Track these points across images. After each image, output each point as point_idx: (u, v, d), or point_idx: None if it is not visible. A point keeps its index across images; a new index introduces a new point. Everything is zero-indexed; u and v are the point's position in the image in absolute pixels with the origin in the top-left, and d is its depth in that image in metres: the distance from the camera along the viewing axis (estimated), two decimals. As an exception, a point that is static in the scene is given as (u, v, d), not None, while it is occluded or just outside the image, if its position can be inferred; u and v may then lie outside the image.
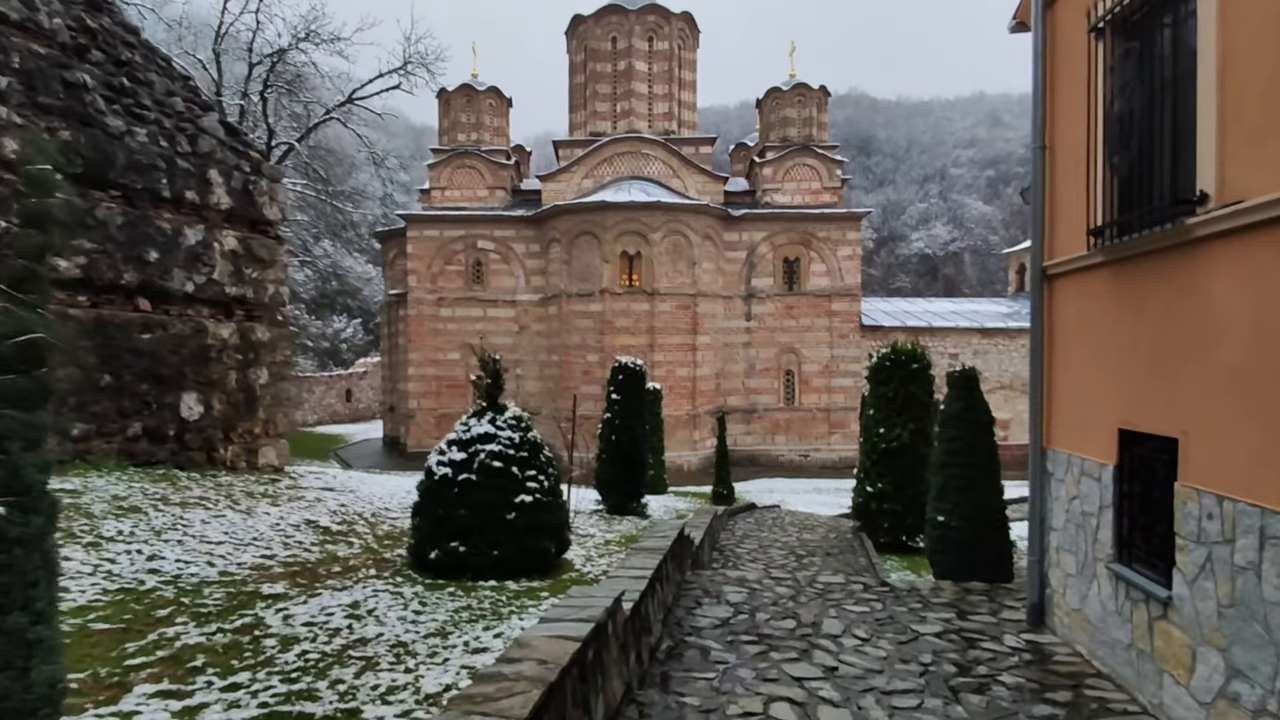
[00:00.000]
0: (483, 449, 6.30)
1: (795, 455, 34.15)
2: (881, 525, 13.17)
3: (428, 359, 34.32)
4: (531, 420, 6.88)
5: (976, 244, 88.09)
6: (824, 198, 34.78)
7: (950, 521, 8.57)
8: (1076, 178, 6.46)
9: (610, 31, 37.04)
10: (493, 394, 6.63)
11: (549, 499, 6.44)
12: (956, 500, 8.60)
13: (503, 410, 6.60)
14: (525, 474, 6.34)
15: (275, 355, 10.83)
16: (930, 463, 8.87)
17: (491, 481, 6.20)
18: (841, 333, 34.30)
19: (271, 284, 10.81)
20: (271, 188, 10.83)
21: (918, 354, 13.50)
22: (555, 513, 6.50)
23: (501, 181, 35.33)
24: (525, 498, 6.24)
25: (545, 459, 6.68)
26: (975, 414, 8.77)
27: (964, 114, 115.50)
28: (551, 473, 6.67)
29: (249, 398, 10.28)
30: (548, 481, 6.51)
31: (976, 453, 8.66)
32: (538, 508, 6.30)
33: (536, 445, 6.62)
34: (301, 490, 8.93)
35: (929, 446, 13.35)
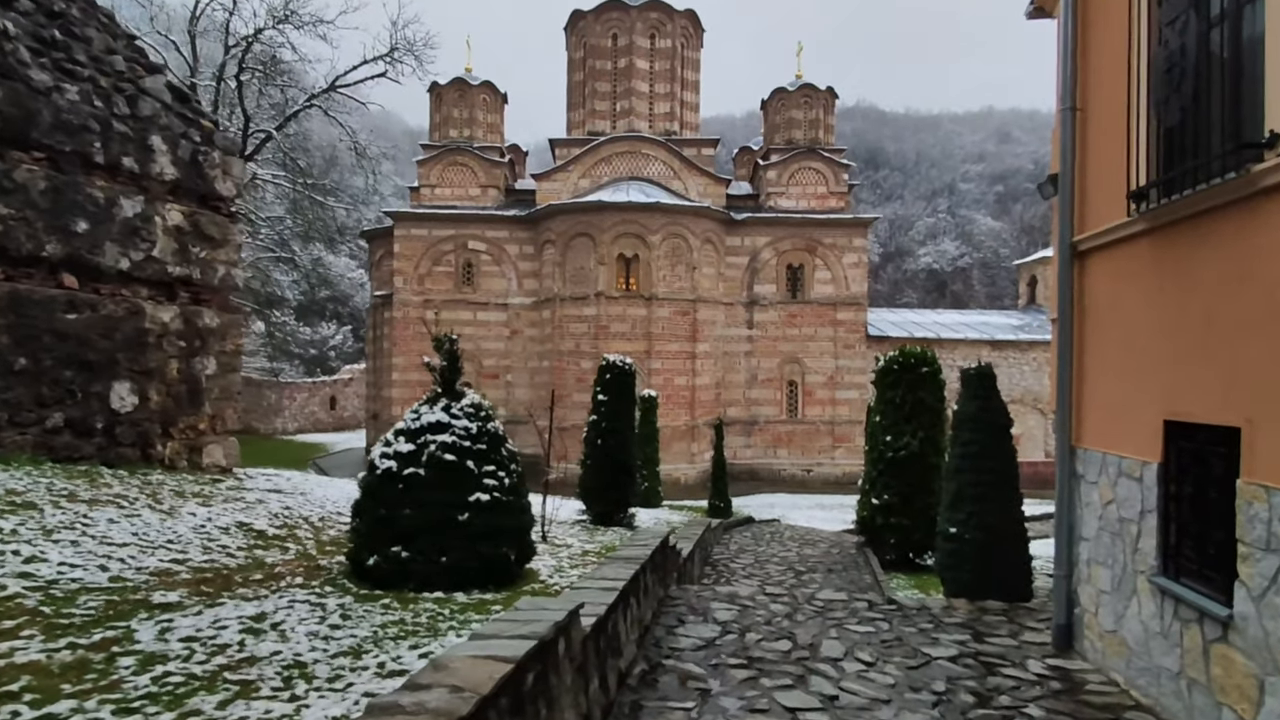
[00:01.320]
0: (434, 440, 5.47)
1: (798, 470, 33.21)
2: (888, 541, 12.28)
3: (413, 364, 33.38)
4: (493, 410, 6.06)
5: (985, 259, 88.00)
6: (830, 202, 34.02)
7: (964, 533, 7.71)
8: (1113, 138, 5.70)
9: (611, 28, 36.44)
10: (449, 378, 5.81)
11: (510, 499, 5.60)
12: (971, 510, 7.75)
13: (459, 397, 5.77)
14: (483, 469, 5.50)
15: (225, 344, 10.00)
16: (943, 469, 8.05)
17: (443, 477, 5.36)
18: (847, 343, 33.44)
19: (222, 265, 9.99)
20: (225, 160, 10.04)
21: (928, 357, 12.68)
22: (518, 515, 5.66)
23: (494, 180, 34.61)
24: (482, 496, 5.39)
25: (508, 453, 5.84)
26: (992, 415, 7.93)
27: (973, 129, 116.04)
28: (515, 470, 5.83)
29: (193, 390, 9.43)
30: (509, 479, 5.66)
31: (994, 457, 7.81)
32: (496, 508, 5.45)
33: (497, 438, 5.78)
34: (244, 491, 8.08)
35: (939, 457, 12.47)
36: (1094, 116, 6.29)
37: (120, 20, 10.54)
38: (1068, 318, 6.41)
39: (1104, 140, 5.95)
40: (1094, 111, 6.30)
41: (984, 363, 8.94)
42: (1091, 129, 6.33)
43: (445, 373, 5.80)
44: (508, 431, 25.37)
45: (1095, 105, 6.29)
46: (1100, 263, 6.07)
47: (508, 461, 5.78)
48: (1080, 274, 6.39)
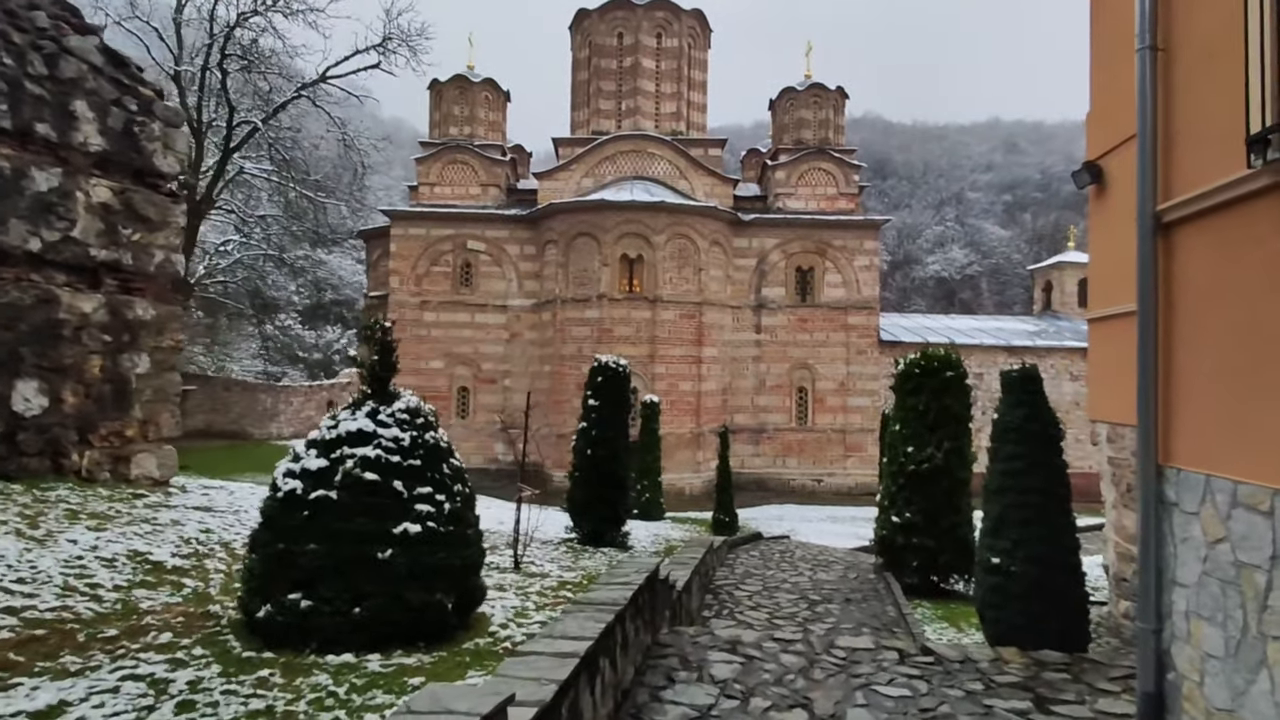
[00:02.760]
0: (353, 453, 4.29)
1: (808, 480, 31.88)
2: (909, 563, 11.02)
3: (409, 368, 32.13)
4: (435, 415, 4.86)
5: (994, 267, 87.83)
6: (840, 204, 32.79)
7: (1009, 565, 6.45)
8: (1214, 77, 4.50)
9: (616, 27, 35.38)
10: (381, 376, 4.62)
11: (451, 529, 4.40)
12: (1018, 537, 6.50)
13: (392, 399, 4.58)
14: (415, 492, 4.32)
15: (162, 339, 8.84)
16: (969, 484, 6.83)
17: (360, 502, 4.18)
18: (858, 348, 32.15)
19: (160, 250, 8.84)
20: (166, 133, 8.90)
21: (953, 360, 11.43)
22: (460, 550, 4.45)
23: (495, 179, 33.52)
24: (411, 527, 4.20)
25: (452, 470, 4.64)
26: (1040, 425, 6.67)
27: (980, 139, 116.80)
28: (461, 491, 4.64)
29: (119, 391, 8.28)
30: (451, 503, 4.47)
31: (1042, 475, 6.57)
32: (431, 542, 4.26)
33: (438, 450, 4.58)
34: (163, 510, 6.91)
35: (967, 470, 11.23)
36: (1182, 55, 5.09)
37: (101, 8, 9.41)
38: (1150, 307, 5.21)
39: (1199, 81, 4.78)
40: (1183, 49, 5.10)
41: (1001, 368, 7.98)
42: (1180, 70, 5.12)
43: (375, 369, 4.61)
44: (506, 438, 23.96)
45: (1186, 41, 5.09)
46: (1197, 235, 4.85)
47: (451, 481, 4.58)
48: (1166, 253, 5.18)
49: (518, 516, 7.58)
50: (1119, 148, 9.06)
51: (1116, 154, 9.19)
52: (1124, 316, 9.03)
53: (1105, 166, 9.47)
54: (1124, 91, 7.39)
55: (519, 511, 7.58)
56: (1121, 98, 7.53)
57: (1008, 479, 6.49)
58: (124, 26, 21.78)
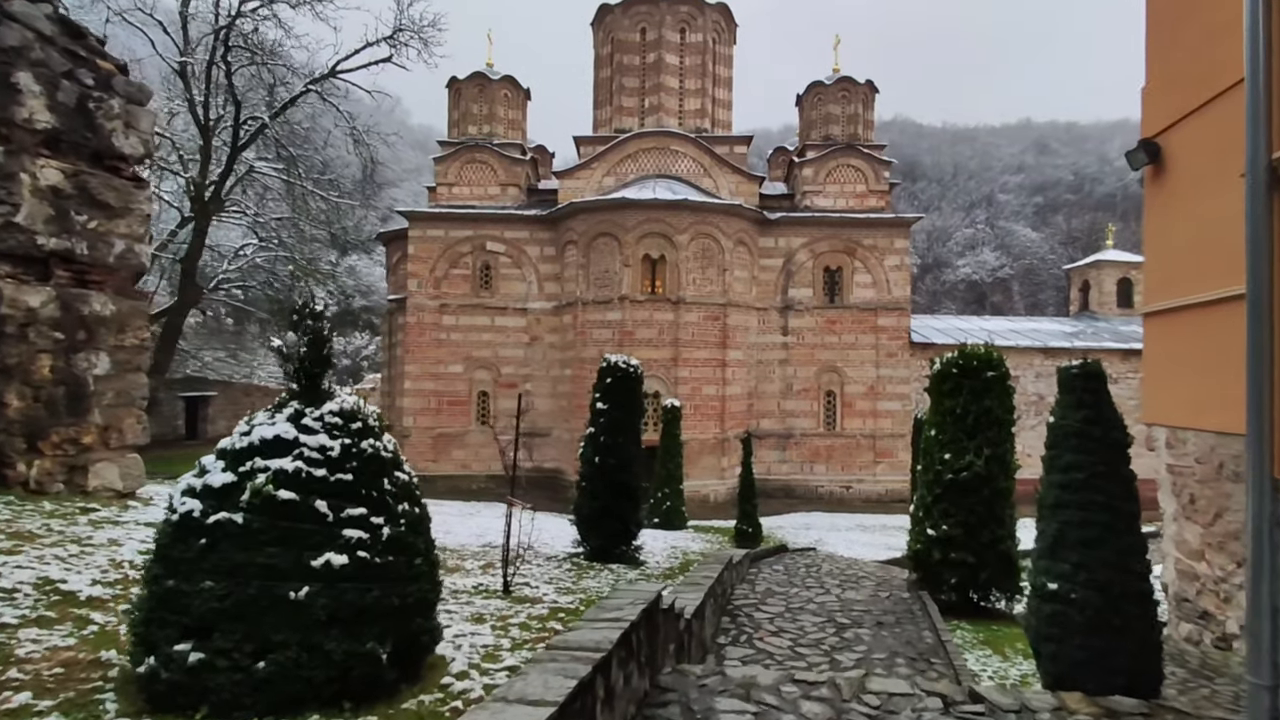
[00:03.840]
0: (266, 466, 3.49)
1: (836, 487, 30.71)
2: (946, 579, 10.00)
3: (427, 372, 31.69)
4: (381, 420, 4.02)
5: (1026, 270, 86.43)
6: (870, 201, 31.63)
7: (1069, 592, 5.45)
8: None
9: (639, 22, 34.59)
10: (311, 372, 3.81)
11: (391, 560, 3.56)
12: (1079, 559, 5.49)
13: (323, 399, 3.76)
14: (343, 514, 3.49)
15: (124, 337, 8.13)
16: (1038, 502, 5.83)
17: (273, 526, 3.36)
18: (889, 351, 30.93)
19: (121, 239, 8.13)
20: (129, 111, 8.21)
21: (994, 359, 10.39)
22: (400, 585, 3.60)
23: (515, 178, 32.85)
24: (335, 558, 3.37)
25: (398, 486, 3.80)
26: (1105, 428, 5.66)
27: (1011, 140, 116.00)
28: (407, 512, 3.80)
29: (74, 394, 7.58)
30: (392, 527, 3.63)
31: (1108, 488, 5.56)
32: (361, 576, 3.42)
33: (377, 462, 3.75)
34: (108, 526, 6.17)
35: (1009, 479, 10.18)
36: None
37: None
38: (1263, 285, 4.24)
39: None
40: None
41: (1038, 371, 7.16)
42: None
43: (305, 363, 3.78)
44: (526, 444, 22.86)
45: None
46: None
47: (394, 499, 3.74)
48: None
49: (506, 533, 6.73)
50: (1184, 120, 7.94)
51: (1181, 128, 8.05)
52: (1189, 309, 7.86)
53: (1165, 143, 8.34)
54: (1189, 58, 6.40)
55: (508, 527, 6.73)
56: (1186, 65, 6.54)
57: (1066, 492, 5.50)
58: (126, 19, 21.39)
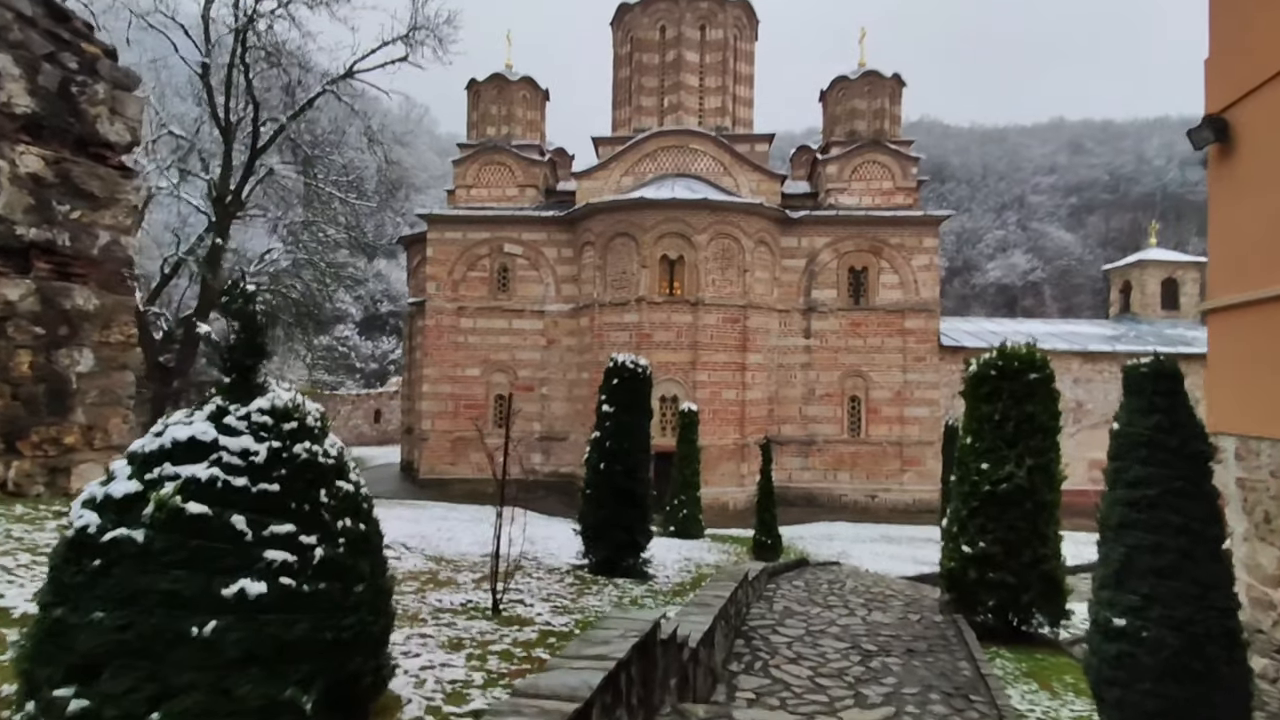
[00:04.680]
0: (178, 474, 2.92)
1: (861, 495, 29.80)
2: (984, 601, 9.25)
3: (444, 375, 31.32)
4: (324, 420, 3.42)
5: (1059, 273, 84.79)
6: (896, 199, 30.75)
7: (1139, 629, 4.72)
8: None
9: (659, 19, 34.05)
10: (242, 363, 3.23)
11: (322, 585, 2.96)
12: (1151, 591, 4.76)
13: (252, 395, 3.18)
14: (266, 531, 2.90)
15: (109, 333, 7.69)
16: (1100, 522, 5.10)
17: (180, 546, 2.79)
18: (917, 354, 29.98)
19: (106, 231, 7.69)
20: (115, 97, 7.77)
21: (1037, 359, 9.62)
22: (335, 616, 3.00)
23: (533, 179, 32.43)
24: (252, 586, 2.79)
25: (338, 498, 3.21)
26: (1182, 437, 4.92)
27: (1043, 141, 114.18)
28: (349, 528, 3.20)
29: (56, 391, 7.14)
30: (327, 548, 3.02)
31: (1185, 508, 4.84)
32: (285, 607, 2.83)
33: (314, 470, 3.15)
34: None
35: (1055, 492, 9.41)
36: None
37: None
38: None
39: None
40: None
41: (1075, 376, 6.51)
42: None
43: (235, 352, 3.20)
44: (544, 448, 22.34)
45: None
46: None
47: (334, 514, 3.14)
48: None
49: (496, 546, 6.12)
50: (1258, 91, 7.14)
51: (1253, 100, 7.26)
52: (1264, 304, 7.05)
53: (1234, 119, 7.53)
54: (1267, 17, 5.61)
55: (497, 539, 6.13)
56: (1261, 26, 5.73)
57: (1134, 510, 4.77)
58: (147, 22, 21.26)
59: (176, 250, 28.04)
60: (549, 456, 30.61)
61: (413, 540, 10.73)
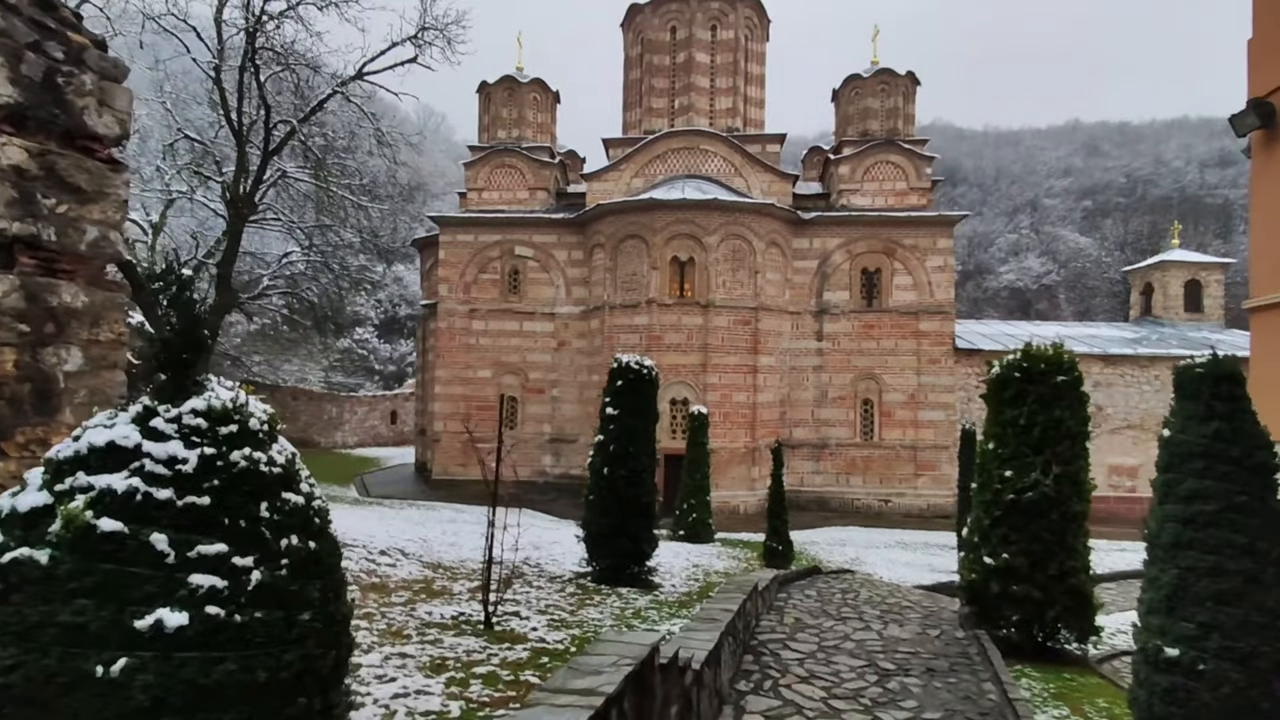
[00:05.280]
0: (92, 485, 2.56)
1: (874, 500, 29.27)
2: (1008, 615, 8.79)
3: (456, 377, 31.11)
4: (272, 422, 3.04)
5: (1073, 277, 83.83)
6: (910, 199, 30.23)
7: (1195, 660, 4.28)
8: None
9: (669, 20, 33.72)
10: (178, 358, 2.87)
11: (256, 616, 2.58)
12: (1210, 620, 4.31)
13: (186, 394, 2.82)
14: (190, 554, 2.53)
15: (99, 330, 7.29)
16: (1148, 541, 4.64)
17: (87, 571, 2.41)
18: (931, 357, 29.43)
19: (95, 225, 7.29)
20: (103, 88, 7.39)
21: (1064, 361, 9.18)
22: (276, 651, 2.61)
23: (544, 182, 32.17)
24: (172, 617, 2.40)
25: (284, 511, 2.82)
26: (1245, 446, 4.47)
27: (1057, 143, 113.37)
28: (294, 547, 2.82)
29: (42, 391, 6.76)
30: (266, 571, 2.62)
31: (1248, 523, 4.41)
32: (210, 640, 2.45)
33: (254, 480, 2.75)
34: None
35: (1084, 501, 8.96)
36: None
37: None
38: None
39: None
40: None
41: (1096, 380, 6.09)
42: None
43: (169, 345, 2.84)
44: (555, 450, 21.92)
45: None
46: None
47: (277, 531, 2.76)
48: None
49: (488, 556, 5.74)
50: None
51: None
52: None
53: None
54: None
55: (489, 553, 5.75)
56: None
57: (1190, 529, 4.32)
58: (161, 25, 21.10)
59: (195, 253, 27.97)
60: (559, 458, 30.31)
61: (413, 545, 10.37)
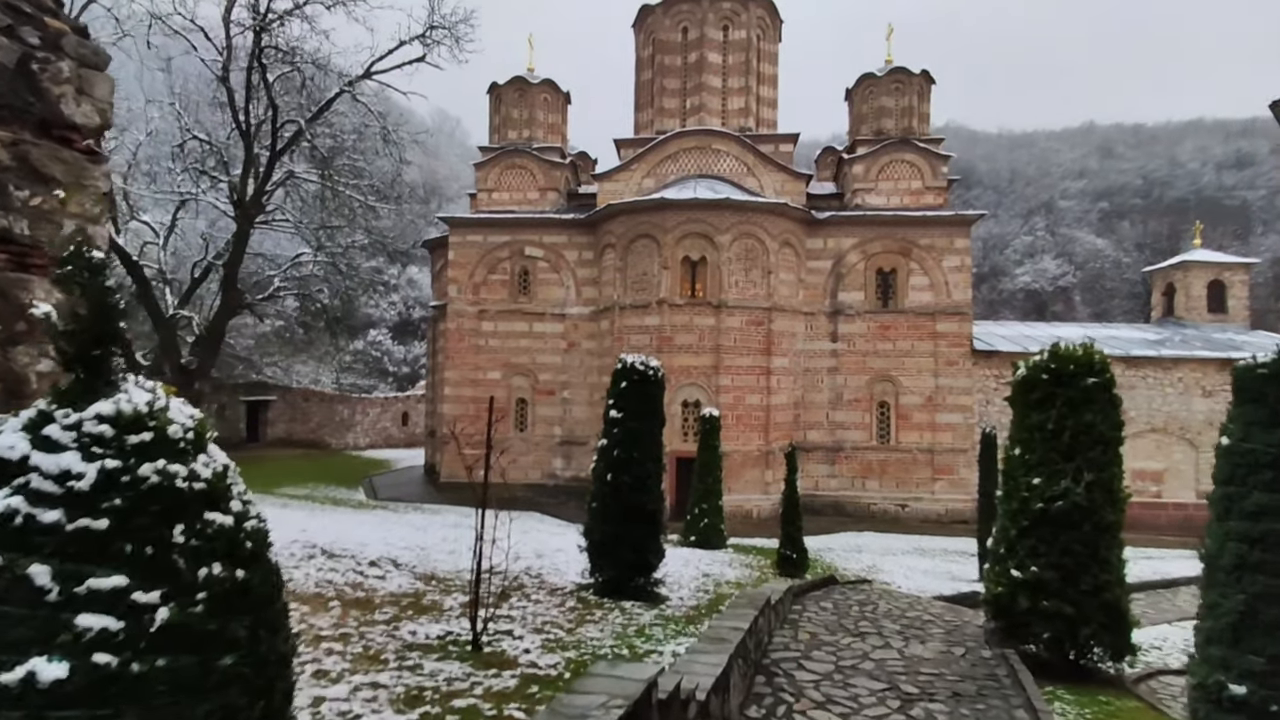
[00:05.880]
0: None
1: (890, 505, 28.65)
2: (1037, 633, 8.27)
3: (466, 378, 30.80)
4: (201, 428, 2.60)
5: (1090, 279, 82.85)
6: (926, 199, 29.62)
7: (1270, 701, 3.79)
8: None
9: (681, 21, 33.30)
10: (87, 354, 2.46)
11: (159, 665, 2.15)
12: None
13: (94, 394, 2.40)
14: (78, 588, 2.08)
15: (70, 330, 7.06)
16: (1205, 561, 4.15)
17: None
18: (948, 359, 28.78)
19: (71, 219, 6.95)
20: (82, 75, 7.03)
21: (1095, 361, 8.64)
22: (189, 703, 2.19)
23: (554, 182, 31.82)
24: (48, 670, 1.97)
25: (207, 535, 2.38)
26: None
27: (1072, 145, 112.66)
28: (216, 577, 2.36)
29: (13, 392, 6.26)
30: (177, 607, 2.17)
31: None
32: (98, 694, 2.03)
33: (169, 498, 2.30)
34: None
35: (1117, 510, 8.42)
36: None
37: None
38: None
39: None
40: None
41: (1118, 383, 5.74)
42: None
43: (74, 339, 2.43)
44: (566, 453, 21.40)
45: None
46: None
47: (195, 558, 2.32)
48: None
49: (476, 570, 5.30)
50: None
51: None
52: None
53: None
54: None
55: (477, 565, 5.31)
56: None
57: (1257, 549, 3.82)
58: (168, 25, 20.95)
59: (205, 255, 27.81)
60: (569, 461, 29.92)
61: (408, 554, 9.95)
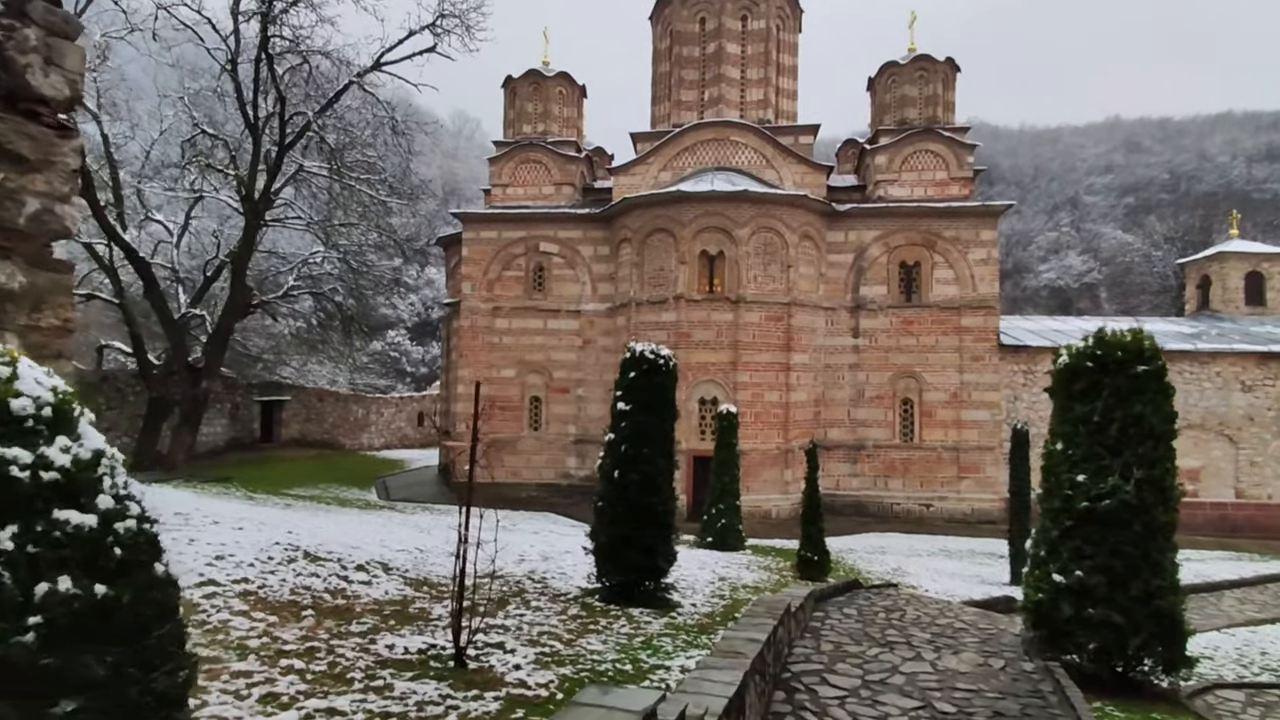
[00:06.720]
0: None
1: (914, 505, 27.84)
2: (1081, 643, 7.60)
3: (479, 376, 30.34)
4: (66, 403, 2.06)
5: (1116, 274, 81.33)
6: (951, 190, 28.76)
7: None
8: None
9: (699, 11, 32.63)
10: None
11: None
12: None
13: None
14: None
15: (40, 316, 6.51)
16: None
17: None
18: (974, 354, 27.92)
19: (37, 198, 6.49)
20: (50, 44, 6.59)
21: (1145, 348, 7.98)
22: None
23: (569, 177, 31.30)
24: None
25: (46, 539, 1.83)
26: None
27: (1097, 140, 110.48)
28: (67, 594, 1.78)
29: None
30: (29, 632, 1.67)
31: None
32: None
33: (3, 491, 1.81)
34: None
35: (1170, 509, 7.73)
36: None
37: None
38: None
39: None
40: None
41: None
42: None
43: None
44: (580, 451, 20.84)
45: None
46: None
47: (36, 569, 1.79)
48: None
49: (460, 575, 4.77)
50: None
51: None
52: None
53: None
54: None
55: (461, 561, 4.78)
56: None
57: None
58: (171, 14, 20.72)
59: (217, 253, 27.61)
60: (584, 460, 29.41)
61: (403, 557, 9.44)
